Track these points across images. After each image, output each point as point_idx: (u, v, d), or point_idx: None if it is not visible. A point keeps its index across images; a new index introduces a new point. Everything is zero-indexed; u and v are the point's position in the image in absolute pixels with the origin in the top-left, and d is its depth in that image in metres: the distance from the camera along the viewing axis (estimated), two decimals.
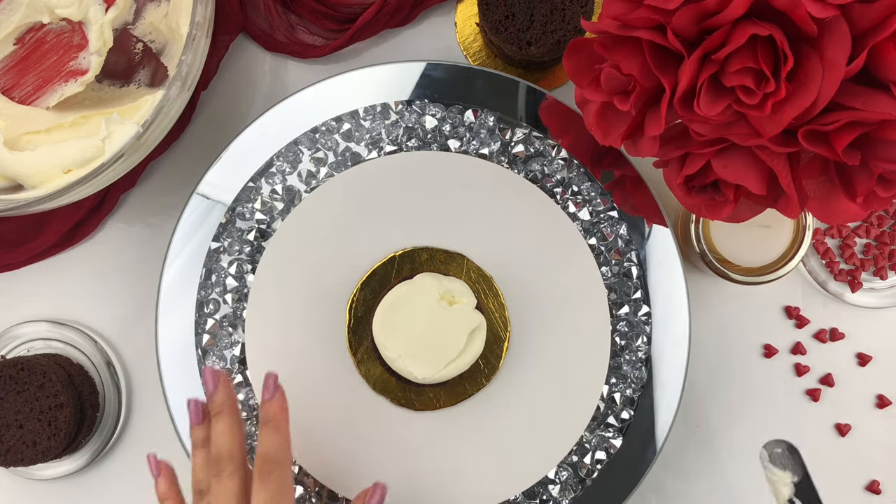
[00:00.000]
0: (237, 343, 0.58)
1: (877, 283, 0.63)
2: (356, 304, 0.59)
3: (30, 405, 0.57)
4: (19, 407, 0.57)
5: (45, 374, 0.57)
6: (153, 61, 0.55)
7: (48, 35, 0.55)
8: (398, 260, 0.59)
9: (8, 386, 0.57)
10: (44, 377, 0.57)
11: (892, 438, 0.62)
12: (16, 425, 0.57)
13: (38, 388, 0.57)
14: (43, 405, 0.57)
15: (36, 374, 0.57)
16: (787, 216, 0.44)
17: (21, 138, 0.54)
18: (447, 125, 0.59)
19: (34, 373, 0.57)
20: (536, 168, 0.59)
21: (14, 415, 0.57)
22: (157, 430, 0.62)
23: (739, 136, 0.41)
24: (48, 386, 0.57)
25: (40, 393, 0.57)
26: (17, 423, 0.57)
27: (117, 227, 0.63)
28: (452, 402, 0.58)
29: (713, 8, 0.39)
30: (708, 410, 0.62)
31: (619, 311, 0.58)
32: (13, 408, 0.57)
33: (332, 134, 0.59)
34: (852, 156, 0.40)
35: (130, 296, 0.63)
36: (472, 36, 0.63)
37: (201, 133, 0.63)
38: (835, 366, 0.63)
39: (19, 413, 0.57)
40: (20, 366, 0.57)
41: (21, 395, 0.57)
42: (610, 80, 0.43)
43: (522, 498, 0.58)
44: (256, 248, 0.59)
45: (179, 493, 0.49)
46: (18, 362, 0.57)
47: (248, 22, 0.62)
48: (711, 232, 0.57)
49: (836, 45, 0.37)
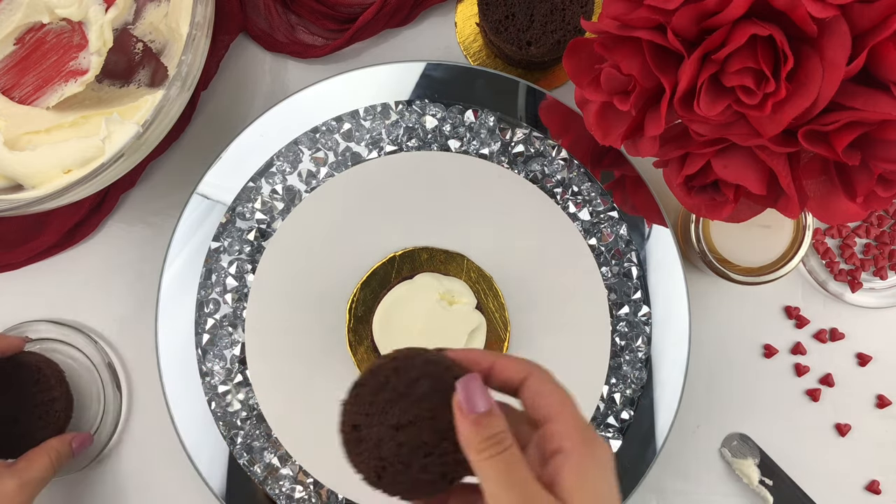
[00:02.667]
0: (237, 343, 0.58)
1: (877, 283, 0.63)
2: (356, 304, 0.59)
3: (24, 401, 0.58)
4: (13, 402, 0.58)
5: (38, 369, 0.58)
6: (153, 61, 0.55)
7: (48, 35, 0.55)
8: (398, 260, 0.59)
9: (2, 382, 0.57)
10: (38, 373, 0.58)
11: (892, 438, 0.62)
12: (10, 420, 0.57)
13: (32, 383, 0.58)
14: (37, 400, 0.58)
15: (30, 370, 0.58)
16: (787, 216, 0.44)
17: (21, 138, 0.54)
18: (447, 125, 0.59)
19: (28, 369, 0.58)
20: (536, 168, 0.59)
21: (9, 410, 0.57)
22: (157, 430, 0.62)
23: (739, 136, 0.41)
24: (42, 381, 0.58)
25: (35, 388, 0.58)
26: (11, 418, 0.57)
27: (117, 227, 0.63)
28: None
29: (713, 8, 0.39)
30: (708, 410, 0.62)
31: (619, 311, 0.58)
32: (8, 403, 0.57)
33: (332, 134, 0.59)
34: (852, 156, 0.40)
35: (130, 296, 0.63)
36: (472, 36, 0.63)
37: (201, 133, 0.63)
38: (835, 366, 0.62)
39: (14, 408, 0.58)
40: (14, 362, 0.58)
41: (15, 391, 0.58)
42: (610, 80, 0.43)
43: None
44: (256, 248, 0.59)
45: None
46: (13, 359, 0.58)
47: (248, 22, 0.62)
48: (711, 232, 0.57)
49: (836, 45, 0.37)
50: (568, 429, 0.34)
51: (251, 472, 0.58)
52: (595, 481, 0.34)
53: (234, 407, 0.58)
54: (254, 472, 0.58)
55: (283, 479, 0.58)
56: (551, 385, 0.36)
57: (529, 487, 0.33)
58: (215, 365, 0.58)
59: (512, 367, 0.36)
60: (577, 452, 0.34)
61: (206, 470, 0.57)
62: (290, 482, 0.58)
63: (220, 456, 0.58)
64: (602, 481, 0.34)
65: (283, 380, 0.58)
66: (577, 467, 0.33)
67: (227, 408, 0.58)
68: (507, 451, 0.33)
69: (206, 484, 0.57)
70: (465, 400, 0.34)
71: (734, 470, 0.62)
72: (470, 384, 0.35)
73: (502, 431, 0.34)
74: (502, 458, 0.33)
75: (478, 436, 0.34)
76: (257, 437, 0.58)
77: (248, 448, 0.58)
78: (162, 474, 0.62)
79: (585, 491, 0.33)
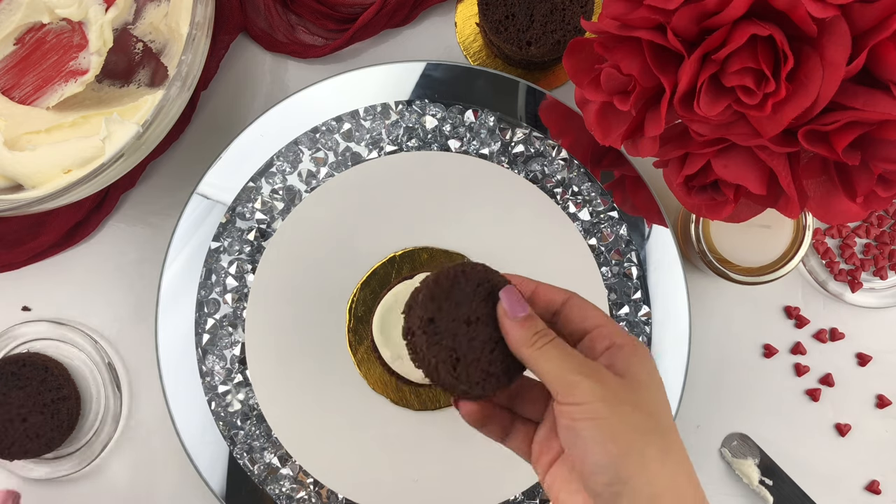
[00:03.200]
0: (237, 343, 0.58)
1: (877, 283, 0.63)
2: (356, 304, 0.59)
3: (32, 399, 0.59)
4: (22, 402, 0.59)
5: (46, 368, 0.59)
6: (153, 61, 0.55)
7: (48, 35, 0.55)
8: (398, 260, 0.59)
9: (10, 382, 0.59)
10: (45, 372, 0.59)
11: (892, 438, 0.62)
12: (19, 419, 0.58)
13: (39, 382, 0.59)
14: (45, 398, 0.59)
15: (37, 370, 0.59)
16: (787, 216, 0.44)
17: (21, 138, 0.54)
18: (447, 125, 0.59)
19: (35, 368, 0.59)
20: (536, 168, 0.59)
21: (17, 409, 0.59)
22: (158, 431, 0.62)
23: (739, 136, 0.41)
24: (50, 380, 0.59)
25: (42, 387, 0.59)
26: (20, 418, 0.58)
27: (117, 227, 0.63)
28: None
29: (713, 8, 0.39)
30: (708, 410, 0.62)
31: (619, 311, 0.58)
32: (16, 403, 0.59)
33: (332, 134, 0.59)
34: (852, 156, 0.40)
35: (130, 296, 0.63)
36: (472, 36, 0.63)
37: (201, 133, 0.63)
38: (835, 366, 0.62)
39: (22, 407, 0.59)
40: (21, 362, 0.59)
41: (23, 391, 0.59)
42: (610, 80, 0.43)
43: (522, 498, 0.58)
44: (256, 248, 0.59)
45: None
46: (19, 359, 0.59)
47: (248, 22, 0.62)
48: (711, 232, 0.57)
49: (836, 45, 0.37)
50: (618, 329, 0.40)
51: (251, 472, 0.58)
52: (647, 364, 0.39)
53: (234, 407, 0.58)
54: (254, 472, 0.58)
55: (283, 479, 0.58)
56: (591, 304, 0.41)
57: (582, 358, 0.38)
58: (215, 365, 0.58)
59: (553, 290, 0.42)
60: (630, 344, 0.39)
61: (206, 470, 0.57)
62: (290, 482, 0.58)
63: (220, 456, 0.58)
64: (653, 368, 0.39)
65: (283, 380, 0.58)
66: (633, 353, 0.39)
67: (227, 408, 0.58)
68: (554, 338, 0.39)
69: (206, 484, 0.57)
70: (509, 307, 0.39)
71: (734, 470, 0.62)
72: (511, 294, 0.40)
73: (545, 327, 0.39)
74: (553, 344, 0.38)
75: (527, 332, 0.39)
76: (257, 437, 0.58)
77: (248, 448, 0.58)
78: (162, 474, 0.62)
79: (643, 367, 0.38)
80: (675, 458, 0.37)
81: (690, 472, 0.38)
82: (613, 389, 0.37)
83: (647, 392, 0.38)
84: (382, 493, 0.58)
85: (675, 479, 0.37)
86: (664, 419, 0.38)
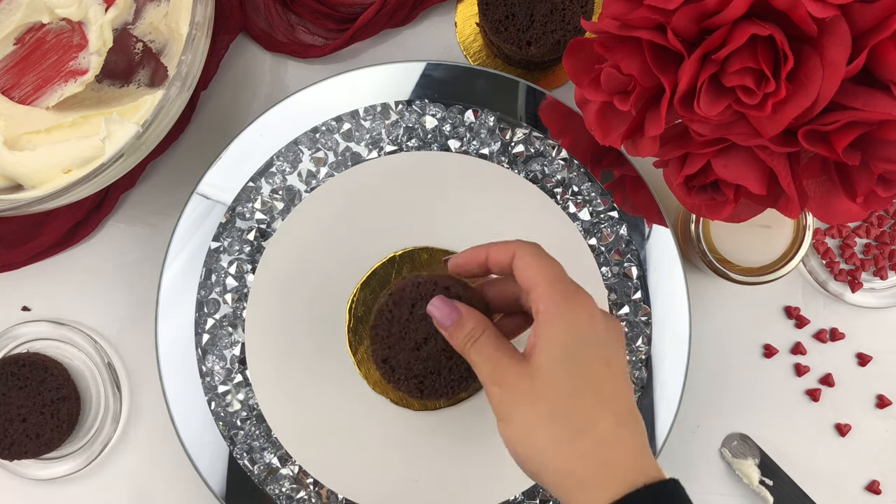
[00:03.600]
0: (237, 343, 0.58)
1: (877, 283, 0.63)
2: (356, 304, 0.59)
3: (32, 399, 0.59)
4: (22, 402, 0.59)
5: (45, 368, 0.59)
6: (153, 61, 0.55)
7: (48, 35, 0.55)
8: (398, 260, 0.59)
9: (10, 382, 0.59)
10: (45, 372, 0.59)
11: (892, 438, 0.62)
12: (19, 419, 0.59)
13: (39, 382, 0.59)
14: (45, 398, 0.59)
15: (37, 370, 0.59)
16: (787, 216, 0.44)
17: (21, 138, 0.54)
18: (447, 125, 0.59)
19: (35, 368, 0.59)
20: (536, 168, 0.59)
21: (17, 409, 0.59)
22: (158, 430, 0.62)
23: (739, 136, 0.41)
24: (50, 380, 0.59)
25: (42, 387, 0.59)
26: (20, 418, 0.59)
27: (117, 227, 0.63)
28: (452, 402, 0.58)
29: (713, 8, 0.39)
30: (708, 410, 0.62)
31: (619, 311, 0.58)
32: (16, 403, 0.59)
33: (332, 134, 0.59)
34: (852, 156, 0.40)
35: (130, 296, 0.63)
36: (472, 36, 0.63)
37: (201, 133, 0.63)
38: (835, 366, 0.62)
39: (22, 407, 0.59)
40: (21, 362, 0.59)
41: (23, 391, 0.59)
42: (610, 80, 0.43)
43: (522, 498, 0.58)
44: (256, 248, 0.59)
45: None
46: (19, 359, 0.59)
47: (247, 22, 0.62)
48: (711, 232, 0.57)
49: (836, 45, 0.37)
50: (544, 293, 0.41)
51: (251, 473, 0.58)
52: (559, 336, 0.40)
53: (234, 407, 0.58)
54: (254, 472, 0.58)
55: (283, 479, 0.58)
56: (531, 258, 0.42)
57: (497, 357, 0.41)
58: (215, 365, 0.58)
59: (501, 251, 0.43)
60: (549, 313, 0.40)
61: (206, 470, 0.57)
62: (290, 482, 0.58)
63: (220, 456, 0.58)
64: (567, 334, 0.40)
65: (283, 380, 0.58)
66: (545, 326, 0.40)
67: (227, 408, 0.58)
68: (479, 338, 0.42)
69: (206, 484, 0.57)
70: (438, 320, 0.44)
71: (734, 470, 0.62)
72: (437, 308, 0.44)
73: (474, 328, 0.43)
74: (476, 345, 0.42)
75: (458, 338, 0.43)
76: (257, 437, 0.58)
77: (248, 448, 0.58)
78: (161, 474, 0.62)
79: (549, 344, 0.40)
80: (571, 446, 0.39)
81: (590, 449, 0.39)
82: (514, 393, 0.40)
83: (545, 378, 0.40)
84: (382, 493, 0.58)
85: (569, 464, 0.39)
86: (560, 408, 0.39)
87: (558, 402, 0.39)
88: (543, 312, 0.41)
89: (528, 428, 0.40)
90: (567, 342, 0.40)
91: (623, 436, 0.39)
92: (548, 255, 0.43)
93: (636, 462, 0.39)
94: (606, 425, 0.39)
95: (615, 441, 0.39)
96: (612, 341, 0.42)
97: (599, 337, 0.41)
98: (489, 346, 0.42)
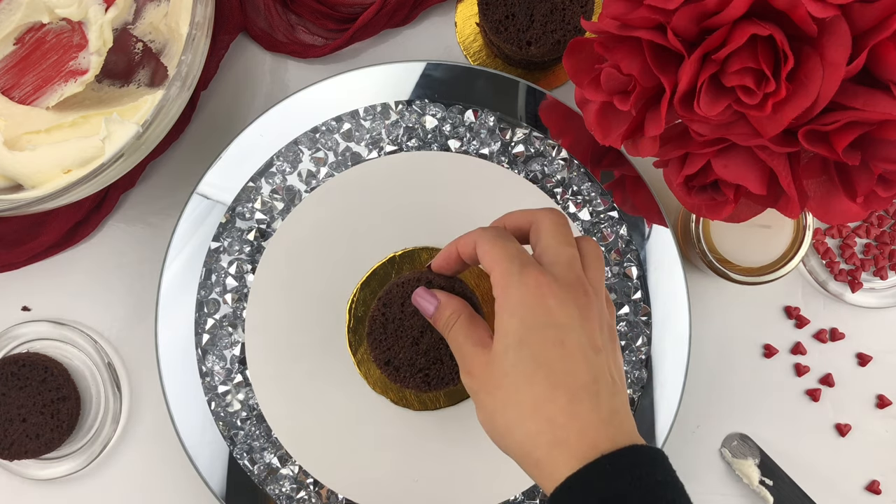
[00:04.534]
0: (237, 343, 0.58)
1: (877, 283, 0.63)
2: (356, 304, 0.59)
3: (32, 399, 0.59)
4: (22, 402, 0.59)
5: (45, 368, 0.59)
6: (153, 61, 0.55)
7: (48, 35, 0.55)
8: (398, 260, 0.59)
9: (10, 382, 0.59)
10: (45, 372, 0.59)
11: (892, 438, 0.62)
12: (19, 419, 0.59)
13: (39, 382, 0.59)
14: (45, 398, 0.59)
15: (37, 370, 0.59)
16: (787, 216, 0.44)
17: (21, 138, 0.54)
18: (447, 125, 0.59)
19: (35, 368, 0.59)
20: (536, 168, 0.59)
21: (17, 409, 0.59)
22: (157, 430, 0.62)
23: (739, 136, 0.41)
24: (50, 380, 0.59)
25: (42, 387, 0.59)
26: (20, 418, 0.59)
27: (117, 227, 0.63)
28: (452, 402, 0.58)
29: (713, 8, 0.39)
30: (708, 410, 0.62)
31: (619, 311, 0.58)
32: (16, 403, 0.59)
33: (332, 134, 0.59)
34: (852, 156, 0.40)
35: (130, 296, 0.63)
36: (472, 36, 0.63)
37: (201, 133, 0.63)
38: (835, 366, 0.62)
39: (22, 408, 0.59)
40: (21, 362, 0.59)
41: (23, 391, 0.59)
42: (610, 80, 0.43)
43: (522, 498, 0.58)
44: (256, 248, 0.59)
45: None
46: (19, 359, 0.59)
47: (247, 22, 0.62)
48: (711, 232, 0.57)
49: (837, 45, 0.37)
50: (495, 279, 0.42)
51: (251, 473, 0.58)
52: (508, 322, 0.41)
53: (234, 407, 0.58)
54: (254, 472, 0.58)
55: (283, 479, 0.58)
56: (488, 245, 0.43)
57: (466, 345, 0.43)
58: (215, 365, 0.58)
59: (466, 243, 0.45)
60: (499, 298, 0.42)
61: (206, 470, 0.57)
62: (290, 482, 0.58)
63: (220, 456, 0.58)
64: (515, 319, 0.41)
65: (283, 380, 0.58)
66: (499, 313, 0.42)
67: (227, 408, 0.58)
68: (455, 325, 0.44)
69: (206, 484, 0.57)
70: (422, 309, 0.46)
71: (734, 470, 0.62)
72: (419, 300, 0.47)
73: (451, 314, 0.45)
74: (451, 332, 0.44)
75: (439, 326, 0.46)
76: (257, 437, 0.58)
77: (248, 448, 0.58)
78: (162, 474, 0.62)
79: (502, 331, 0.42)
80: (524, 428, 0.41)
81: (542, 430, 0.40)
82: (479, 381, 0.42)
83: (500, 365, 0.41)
84: (382, 493, 0.58)
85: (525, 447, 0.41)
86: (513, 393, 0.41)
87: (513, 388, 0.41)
88: (497, 298, 0.42)
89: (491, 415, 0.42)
90: (516, 328, 0.41)
91: (578, 412, 0.40)
92: (505, 237, 0.44)
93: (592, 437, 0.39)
94: (559, 405, 0.40)
95: (568, 419, 0.39)
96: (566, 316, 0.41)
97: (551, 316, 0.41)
98: (460, 334, 0.44)
